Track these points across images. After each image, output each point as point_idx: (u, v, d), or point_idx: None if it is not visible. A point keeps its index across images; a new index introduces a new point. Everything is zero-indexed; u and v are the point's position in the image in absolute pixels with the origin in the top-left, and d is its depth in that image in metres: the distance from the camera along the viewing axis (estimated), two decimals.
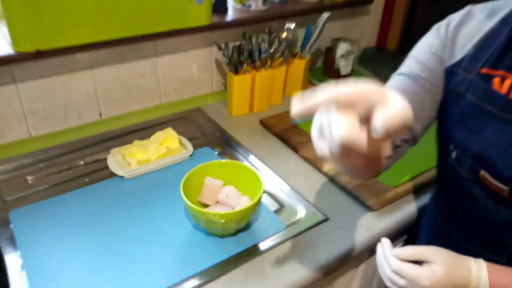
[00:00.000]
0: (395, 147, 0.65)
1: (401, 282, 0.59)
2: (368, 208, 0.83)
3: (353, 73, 1.33)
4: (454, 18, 0.64)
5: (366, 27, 1.45)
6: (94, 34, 0.85)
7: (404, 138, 0.65)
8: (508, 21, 0.59)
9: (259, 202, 0.72)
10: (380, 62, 1.44)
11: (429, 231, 0.77)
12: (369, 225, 0.80)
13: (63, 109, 0.95)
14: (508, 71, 0.57)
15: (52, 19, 0.79)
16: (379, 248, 0.64)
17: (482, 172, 0.59)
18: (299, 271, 0.69)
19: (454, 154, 0.63)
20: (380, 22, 1.48)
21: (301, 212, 0.81)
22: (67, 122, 0.97)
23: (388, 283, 0.62)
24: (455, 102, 0.62)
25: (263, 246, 0.74)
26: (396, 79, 0.66)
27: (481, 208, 0.62)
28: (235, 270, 0.69)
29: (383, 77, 1.29)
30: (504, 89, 0.57)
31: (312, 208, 0.82)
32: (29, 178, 0.85)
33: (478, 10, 0.63)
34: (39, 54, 0.81)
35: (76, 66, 0.92)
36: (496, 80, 0.58)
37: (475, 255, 0.59)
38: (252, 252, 0.72)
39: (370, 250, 0.83)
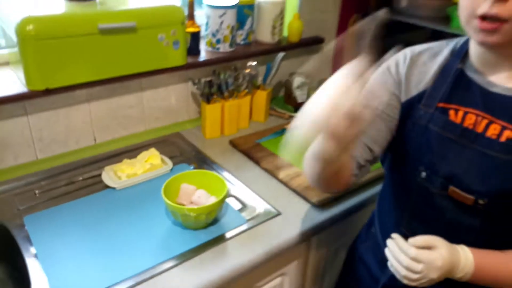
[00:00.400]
0: (360, 167, 0.78)
1: (419, 267, 0.69)
2: (313, 204, 1.04)
3: None
4: (401, 60, 0.77)
5: (321, 62, 1.70)
6: (91, 74, 1.07)
7: (367, 159, 0.78)
8: (449, 64, 0.73)
9: (223, 200, 0.93)
10: None
11: (389, 233, 0.80)
12: (312, 217, 1.00)
13: (64, 136, 1.15)
14: (459, 104, 0.71)
15: (59, 64, 1.00)
16: (391, 243, 0.74)
17: (452, 188, 0.72)
18: (255, 252, 0.89)
19: (423, 174, 0.75)
20: (333, 57, 1.73)
21: (259, 209, 1.01)
22: (68, 146, 1.16)
23: (403, 272, 0.70)
24: (420, 133, 0.74)
25: (228, 235, 0.93)
26: None
27: (448, 216, 0.74)
28: (205, 253, 0.88)
29: None
30: (458, 119, 0.71)
31: (268, 206, 1.02)
32: (37, 191, 1.04)
33: (419, 51, 0.77)
34: (47, 92, 1.02)
35: (76, 100, 1.13)
36: (452, 112, 0.71)
37: None
38: (219, 240, 0.92)
39: (316, 239, 1.03)
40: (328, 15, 1.62)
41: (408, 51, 0.78)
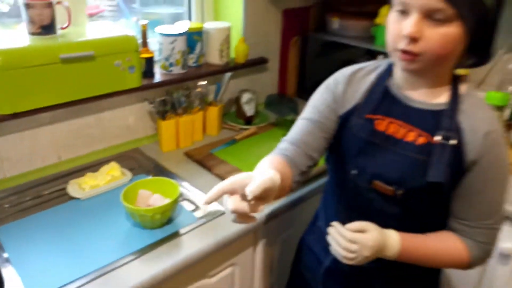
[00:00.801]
0: (303, 173, 0.91)
1: (354, 246, 0.81)
2: None
3: (258, 114, 1.74)
4: (339, 79, 0.93)
5: (267, 79, 1.89)
6: (54, 98, 1.19)
7: (308, 165, 0.92)
8: (378, 82, 0.90)
9: (176, 201, 1.07)
10: (281, 105, 1.85)
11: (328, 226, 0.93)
12: (254, 214, 1.15)
13: (31, 155, 1.26)
14: (384, 115, 0.87)
15: (25, 91, 1.12)
16: (332, 229, 0.86)
17: (375, 181, 0.87)
18: (205, 244, 1.03)
19: (354, 172, 0.90)
20: (278, 75, 1.92)
21: (209, 209, 1.16)
22: (34, 165, 1.27)
23: (343, 253, 0.82)
24: (353, 139, 0.90)
25: (181, 232, 1.07)
26: (300, 122, 0.95)
27: (375, 206, 0.90)
28: (160, 247, 1.01)
29: (283, 115, 1.71)
30: (383, 128, 0.87)
31: (216, 205, 1.17)
32: (6, 206, 1.15)
33: (353, 71, 0.93)
34: (15, 115, 1.14)
35: (41, 122, 1.25)
36: (377, 122, 0.88)
37: None
38: (173, 236, 1.05)
39: (262, 230, 1.19)
40: (271, 38, 1.81)
41: (345, 71, 0.95)
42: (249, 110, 1.66)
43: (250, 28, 1.70)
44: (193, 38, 1.54)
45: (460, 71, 0.89)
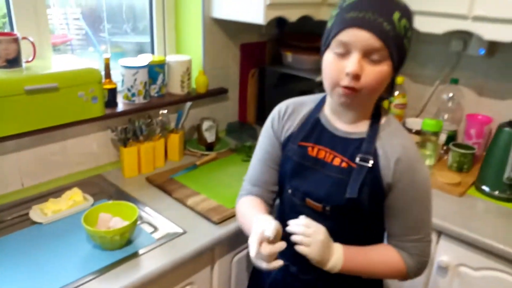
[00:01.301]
0: (271, 206, 1.09)
1: (309, 230, 0.88)
2: (214, 222, 1.27)
3: (219, 141, 1.84)
4: (275, 117, 1.05)
5: (228, 108, 2.00)
6: (19, 127, 1.25)
7: (273, 198, 1.09)
8: (311, 114, 1.02)
9: (134, 223, 1.13)
10: (241, 132, 1.97)
11: None
12: (213, 233, 1.24)
13: None
14: (314, 143, 0.99)
15: None
16: (291, 226, 0.91)
17: (307, 199, 0.99)
18: (162, 263, 1.10)
19: (290, 191, 1.03)
20: (238, 104, 2.04)
21: (168, 230, 1.23)
22: None
23: (299, 238, 0.89)
24: (289, 162, 1.02)
25: (140, 252, 1.13)
26: (255, 162, 1.09)
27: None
28: (119, 267, 1.07)
29: (243, 141, 1.81)
30: (314, 153, 0.99)
31: (176, 227, 1.24)
32: None
33: (290, 106, 1.05)
34: None
35: (5, 150, 1.30)
36: (309, 148, 1.00)
37: None
38: (132, 256, 1.11)
39: (219, 249, 1.26)
40: (230, 70, 1.93)
41: (284, 105, 1.07)
42: (209, 137, 1.76)
43: (209, 61, 1.82)
44: (155, 70, 1.64)
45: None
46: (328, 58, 0.90)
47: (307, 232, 0.89)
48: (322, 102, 1.04)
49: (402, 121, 1.80)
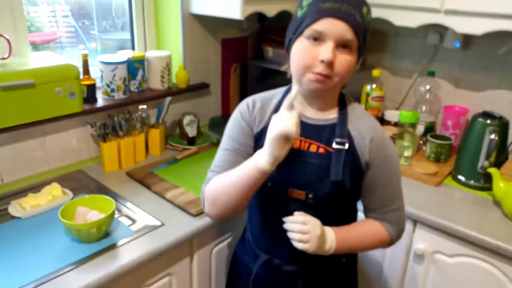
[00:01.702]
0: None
1: (306, 227, 0.93)
2: (192, 214, 1.29)
3: (201, 135, 1.86)
4: (244, 109, 1.04)
5: (210, 103, 2.01)
6: None
7: None
8: (278, 107, 1.01)
9: (111, 215, 1.15)
10: (224, 126, 1.97)
11: (256, 234, 1.11)
12: (191, 225, 1.25)
13: None
14: None
15: None
16: (287, 224, 0.95)
17: (291, 189, 1.00)
18: (139, 254, 1.11)
19: (269, 184, 1.01)
20: (220, 98, 2.05)
21: (146, 222, 1.25)
22: None
23: (298, 236, 0.93)
24: None
25: (118, 244, 1.15)
26: (222, 152, 1.05)
27: (291, 211, 0.98)
28: (96, 259, 1.09)
29: None
30: (295, 145, 0.99)
31: (154, 220, 1.26)
32: None
33: (257, 101, 1.04)
34: None
35: None
36: None
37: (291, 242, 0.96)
38: (109, 248, 1.13)
39: (197, 241, 1.28)
40: (211, 65, 1.95)
41: (246, 102, 1.06)
42: (190, 131, 1.78)
43: (190, 56, 1.83)
44: (135, 65, 1.65)
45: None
46: (301, 45, 0.92)
47: (305, 229, 0.93)
48: (287, 94, 1.06)
49: (381, 113, 1.82)
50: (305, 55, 0.91)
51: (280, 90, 1.08)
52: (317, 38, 0.89)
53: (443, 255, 1.38)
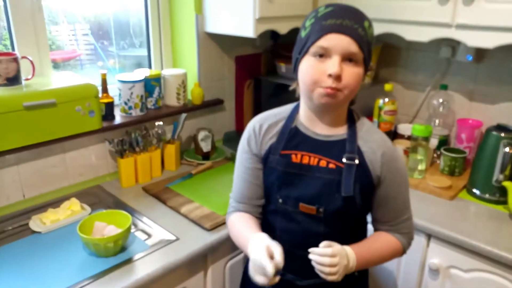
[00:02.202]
0: (259, 216, 1.11)
1: (336, 259, 0.92)
2: (206, 229, 1.32)
3: (216, 150, 1.89)
4: (256, 127, 1.07)
5: (225, 118, 2.05)
6: (18, 142, 1.32)
7: (259, 211, 1.11)
8: (286, 124, 1.05)
9: (128, 230, 1.18)
10: (238, 141, 1.99)
11: None
12: (205, 239, 1.28)
13: None
14: (296, 150, 1.02)
15: None
16: (312, 255, 0.93)
17: (301, 204, 1.02)
18: (155, 268, 1.14)
19: (280, 200, 1.05)
20: (234, 114, 2.09)
21: (162, 236, 1.28)
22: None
23: (327, 270, 0.91)
24: (272, 172, 1.05)
25: (134, 258, 1.18)
26: (237, 179, 1.12)
27: (303, 226, 1.03)
28: (113, 272, 1.12)
29: None
30: (298, 160, 1.02)
31: (169, 234, 1.29)
32: None
33: (265, 122, 1.07)
34: None
35: (6, 163, 1.36)
36: (293, 156, 1.02)
37: (303, 257, 0.95)
38: (126, 262, 1.16)
39: (211, 255, 1.30)
40: (226, 81, 1.99)
41: (257, 121, 1.09)
42: (205, 146, 1.81)
43: (204, 73, 1.88)
44: (151, 83, 1.71)
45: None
46: (308, 63, 0.94)
47: (335, 262, 0.92)
48: (295, 111, 1.08)
49: (393, 127, 1.83)
50: (313, 72, 0.93)
51: (287, 108, 1.10)
52: (323, 55, 0.92)
53: (459, 270, 1.36)
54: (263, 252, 0.89)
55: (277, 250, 0.90)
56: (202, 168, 1.72)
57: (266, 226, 1.14)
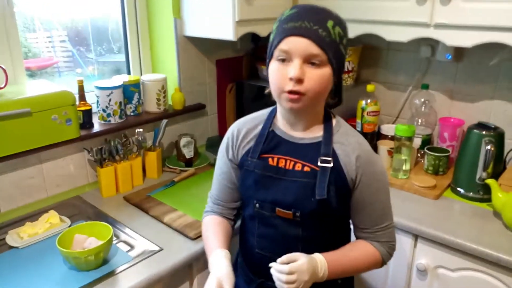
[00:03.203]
0: (233, 220, 1.15)
1: (294, 276, 0.91)
2: (190, 238, 1.28)
3: (198, 156, 1.86)
4: (235, 132, 1.08)
5: (207, 123, 2.02)
6: None
7: (233, 214, 1.14)
8: (264, 128, 1.05)
9: (109, 242, 1.14)
10: None
11: (249, 257, 1.11)
12: (189, 248, 1.25)
13: None
14: (273, 153, 1.02)
15: None
16: (272, 271, 0.93)
17: (278, 209, 1.01)
18: (138, 280, 1.10)
19: (257, 205, 1.04)
20: (217, 118, 2.06)
21: (145, 247, 1.24)
22: None
23: (286, 286, 0.91)
24: (249, 176, 1.04)
25: (117, 271, 1.14)
26: (215, 181, 1.14)
27: (281, 231, 1.02)
28: (97, 285, 1.08)
29: None
30: (274, 163, 1.02)
31: (152, 245, 1.25)
32: None
33: (243, 127, 1.07)
34: None
35: None
36: (270, 159, 1.02)
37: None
38: (108, 275, 1.12)
39: (196, 265, 1.27)
40: (207, 85, 1.96)
41: (236, 127, 1.09)
42: (187, 152, 1.78)
43: (185, 78, 1.85)
44: (130, 89, 1.67)
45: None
46: (273, 67, 0.94)
47: (291, 279, 0.91)
48: (273, 114, 1.07)
49: (377, 127, 1.83)
50: (276, 76, 0.93)
51: (265, 112, 1.10)
52: (285, 59, 0.91)
53: (446, 269, 1.36)
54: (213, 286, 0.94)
55: (227, 285, 0.94)
56: (185, 175, 1.69)
57: (245, 231, 1.13)
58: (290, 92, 0.91)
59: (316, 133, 1.02)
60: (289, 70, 0.90)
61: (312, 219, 1.00)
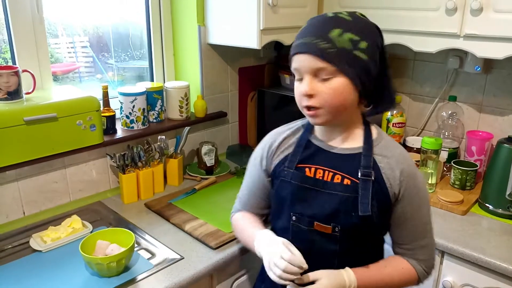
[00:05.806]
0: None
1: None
2: (211, 247, 1.27)
3: (219, 164, 1.85)
4: (268, 146, 1.06)
5: (228, 131, 2.01)
6: (19, 157, 1.28)
7: (261, 219, 1.14)
8: (304, 135, 1.03)
9: (131, 249, 1.13)
10: (242, 154, 1.97)
11: None
12: (211, 258, 1.23)
13: None
14: (310, 164, 0.99)
15: None
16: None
17: (316, 223, 0.98)
18: None
19: (294, 218, 1.00)
20: (238, 126, 2.06)
21: (166, 255, 1.23)
22: None
23: None
24: (286, 187, 1.01)
25: (138, 278, 1.13)
26: (244, 182, 1.14)
27: (316, 246, 0.98)
28: None
29: (244, 164, 1.81)
30: (311, 174, 0.99)
31: (173, 253, 1.24)
32: None
33: (278, 137, 1.05)
34: None
35: (6, 179, 1.32)
36: (307, 170, 1.00)
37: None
38: (129, 283, 1.11)
39: (217, 275, 1.25)
40: (229, 93, 1.96)
41: (271, 137, 1.08)
42: (208, 160, 1.77)
43: (207, 86, 1.85)
44: (154, 96, 1.67)
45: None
46: (295, 85, 0.96)
47: None
48: (309, 125, 1.04)
49: (402, 139, 1.79)
50: (295, 93, 0.95)
51: (302, 121, 1.07)
52: (299, 76, 0.92)
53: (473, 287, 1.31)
54: (282, 247, 0.92)
55: (292, 245, 0.94)
56: (206, 183, 1.68)
57: None
58: (306, 107, 0.93)
59: (354, 143, 0.99)
60: (301, 87, 0.92)
61: (352, 235, 0.97)
